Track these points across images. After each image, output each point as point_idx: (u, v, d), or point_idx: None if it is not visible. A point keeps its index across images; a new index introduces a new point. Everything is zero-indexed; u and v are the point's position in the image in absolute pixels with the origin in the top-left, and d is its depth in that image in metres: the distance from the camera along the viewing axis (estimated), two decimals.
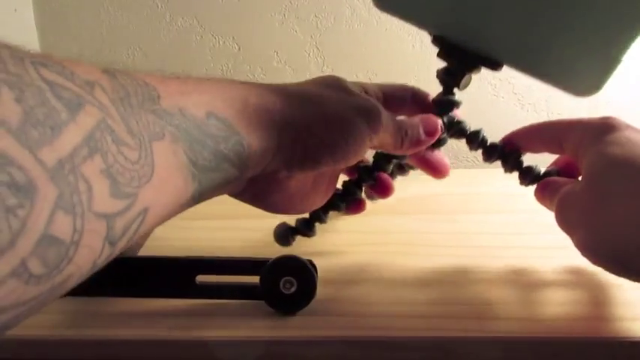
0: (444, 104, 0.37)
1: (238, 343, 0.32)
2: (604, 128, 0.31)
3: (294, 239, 0.40)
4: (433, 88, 0.38)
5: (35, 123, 0.16)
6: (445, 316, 0.34)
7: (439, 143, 0.37)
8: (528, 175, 0.37)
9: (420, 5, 0.34)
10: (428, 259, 0.42)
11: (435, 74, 0.37)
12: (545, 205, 0.35)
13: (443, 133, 0.37)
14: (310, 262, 0.34)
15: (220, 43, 0.72)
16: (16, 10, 0.68)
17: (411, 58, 0.67)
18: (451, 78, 0.36)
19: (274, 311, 0.34)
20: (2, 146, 0.15)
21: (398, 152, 0.36)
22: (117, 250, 0.20)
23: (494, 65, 0.35)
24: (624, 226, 0.27)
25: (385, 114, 0.33)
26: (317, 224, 0.40)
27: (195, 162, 0.24)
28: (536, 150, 0.37)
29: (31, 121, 0.16)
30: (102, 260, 0.20)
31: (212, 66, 0.73)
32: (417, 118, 0.35)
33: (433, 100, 0.38)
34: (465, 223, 0.46)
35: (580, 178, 0.31)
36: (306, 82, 0.34)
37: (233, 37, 0.72)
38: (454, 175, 0.40)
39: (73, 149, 0.17)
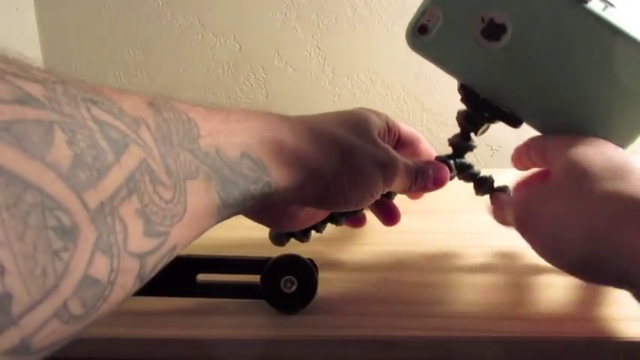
0: (460, 149, 0.38)
1: (239, 342, 0.32)
2: (587, 141, 0.32)
3: (288, 240, 0.40)
4: (433, 88, 0.38)
5: (84, 166, 0.17)
6: (445, 316, 0.34)
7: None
8: None
9: (456, 56, 0.34)
10: (428, 258, 0.42)
11: (455, 116, 0.37)
12: (499, 218, 0.36)
13: (452, 174, 0.38)
14: (311, 261, 0.34)
15: (221, 42, 0.72)
16: (17, 8, 0.68)
17: (412, 57, 0.67)
18: (470, 124, 0.37)
19: (275, 310, 0.34)
20: (53, 191, 0.16)
21: (403, 194, 0.38)
22: (142, 285, 0.21)
23: (516, 122, 0.35)
24: (581, 232, 0.28)
25: (401, 166, 0.33)
26: (312, 232, 0.40)
27: (226, 201, 0.24)
28: (527, 166, 0.37)
29: (80, 165, 0.17)
30: (129, 296, 0.20)
31: (213, 65, 0.73)
32: (429, 167, 0.36)
33: (449, 140, 0.38)
34: (464, 223, 0.46)
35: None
36: (338, 120, 0.34)
37: (234, 37, 0.72)
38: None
39: (115, 191, 0.18)
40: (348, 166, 0.31)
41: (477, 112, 0.36)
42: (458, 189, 0.46)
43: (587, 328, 0.32)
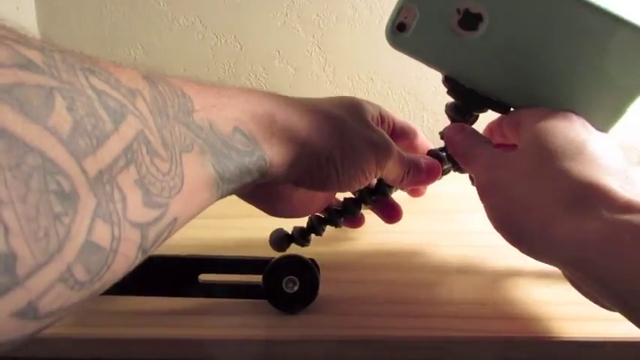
0: None
1: (241, 342, 0.32)
2: (555, 114, 0.32)
3: (288, 246, 0.40)
4: (434, 88, 0.38)
5: (83, 133, 0.17)
6: (445, 316, 0.34)
7: (442, 173, 0.39)
8: None
9: (436, 49, 0.34)
10: (428, 258, 0.42)
11: (444, 109, 0.38)
12: (454, 148, 0.36)
13: (447, 166, 0.38)
14: (312, 261, 0.34)
15: (222, 42, 0.72)
16: (18, 8, 0.68)
17: None
18: (459, 116, 0.37)
19: (277, 310, 0.34)
20: (54, 155, 0.16)
21: (396, 186, 0.38)
22: (144, 257, 0.21)
23: (504, 109, 0.36)
24: (523, 207, 0.29)
25: (395, 151, 0.34)
26: (312, 235, 0.40)
27: (222, 175, 0.25)
28: (498, 142, 0.36)
29: (79, 131, 0.17)
30: (133, 267, 0.20)
31: (214, 65, 0.73)
32: (422, 160, 0.37)
33: (440, 133, 0.38)
34: (465, 222, 0.46)
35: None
36: (331, 102, 0.34)
37: (235, 36, 0.72)
38: (454, 174, 0.40)
39: (113, 160, 0.18)
40: (342, 142, 0.31)
41: (465, 103, 0.36)
42: (458, 189, 0.46)
43: (586, 329, 0.32)
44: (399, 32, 0.34)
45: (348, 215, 0.40)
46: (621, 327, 0.32)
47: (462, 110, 0.37)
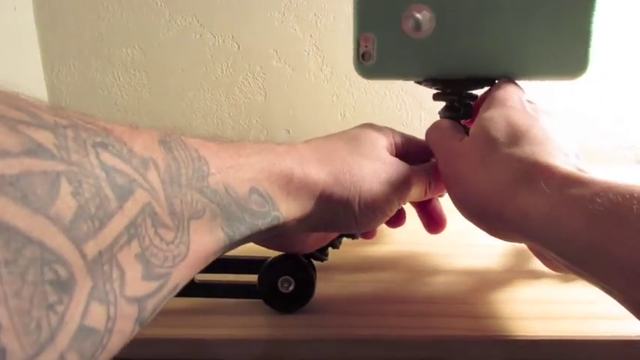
0: None
1: (236, 341, 0.32)
2: (499, 103, 0.33)
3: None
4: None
5: (86, 217, 0.17)
6: (445, 315, 0.34)
7: None
8: None
9: (406, 61, 0.36)
10: (427, 257, 0.42)
11: (439, 116, 0.38)
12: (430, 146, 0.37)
13: None
14: (309, 260, 0.34)
15: (220, 41, 0.72)
16: (15, 8, 0.68)
17: None
18: (455, 112, 0.37)
19: (272, 310, 0.34)
20: (54, 245, 0.15)
21: (419, 201, 0.38)
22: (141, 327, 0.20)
23: (488, 82, 0.36)
24: (478, 192, 0.31)
25: (412, 176, 0.34)
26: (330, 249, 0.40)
27: (232, 237, 0.24)
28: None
29: (82, 216, 0.16)
30: (128, 341, 0.20)
31: (211, 65, 0.73)
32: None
33: None
34: (464, 221, 0.46)
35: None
36: (344, 141, 0.34)
37: (232, 36, 0.72)
38: None
39: (114, 239, 0.17)
40: (358, 197, 0.31)
41: (455, 95, 0.37)
42: None
43: (586, 328, 0.32)
44: (365, 62, 0.36)
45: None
46: (622, 326, 0.32)
47: (454, 106, 0.37)
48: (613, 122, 0.72)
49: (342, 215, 0.31)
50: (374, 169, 0.32)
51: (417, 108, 0.69)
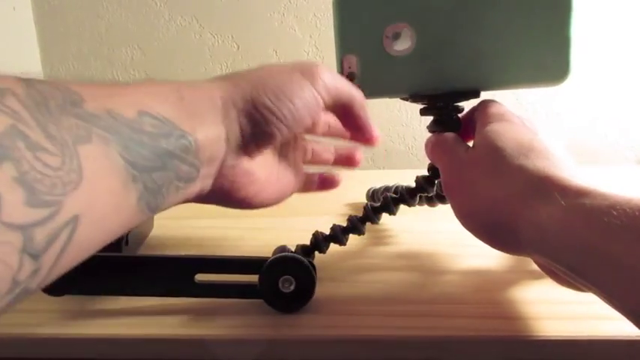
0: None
1: (237, 341, 0.32)
2: (499, 118, 0.34)
3: None
4: None
5: None
6: (445, 315, 0.34)
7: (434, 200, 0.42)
8: None
9: (390, 78, 0.37)
10: (427, 257, 0.42)
11: (427, 129, 0.39)
12: (426, 153, 0.38)
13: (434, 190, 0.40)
14: (309, 260, 0.34)
15: (219, 42, 0.72)
16: (14, 8, 0.68)
17: None
18: (442, 127, 0.38)
19: (273, 310, 0.34)
20: None
21: (353, 114, 0.35)
22: (46, 264, 0.19)
23: (475, 94, 0.37)
24: (489, 202, 0.31)
25: (328, 70, 0.32)
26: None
27: (134, 163, 0.23)
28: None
29: None
30: (25, 276, 0.18)
31: (211, 65, 0.73)
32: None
33: (429, 165, 0.39)
34: None
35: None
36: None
37: (232, 36, 0.72)
38: None
39: None
40: (261, 85, 0.30)
41: (439, 109, 0.38)
42: None
43: (587, 328, 0.32)
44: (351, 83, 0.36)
45: (354, 231, 0.39)
46: (623, 326, 0.32)
47: (443, 119, 0.38)
48: (613, 122, 0.72)
49: (258, 117, 0.29)
50: (272, 66, 0.31)
51: (416, 108, 0.69)
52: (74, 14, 0.72)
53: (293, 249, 0.38)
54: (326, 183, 0.41)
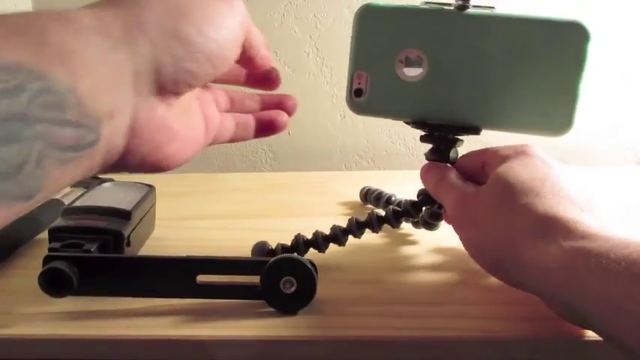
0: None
1: (239, 342, 0.32)
2: (514, 153, 0.34)
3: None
4: None
5: None
6: (445, 316, 0.34)
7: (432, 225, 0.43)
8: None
9: (395, 101, 0.37)
10: (428, 258, 0.42)
11: (425, 158, 0.40)
12: (428, 185, 0.39)
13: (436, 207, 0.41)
14: (310, 261, 0.34)
15: None
16: (16, 5, 0.68)
17: None
18: (440, 157, 0.39)
19: (275, 311, 0.34)
20: None
21: (259, 54, 0.33)
22: None
23: (475, 131, 0.38)
24: (496, 238, 0.32)
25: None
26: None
27: None
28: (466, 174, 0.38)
29: None
30: None
31: None
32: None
33: (419, 190, 0.40)
34: None
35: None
36: None
37: None
38: None
39: None
40: (187, 7, 0.24)
41: (439, 140, 0.38)
42: None
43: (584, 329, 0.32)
44: (357, 98, 0.37)
45: (334, 242, 0.40)
46: None
47: (440, 150, 0.39)
48: (613, 123, 0.72)
49: (181, 51, 0.23)
50: None
51: None
52: None
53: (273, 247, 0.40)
54: (268, 125, 0.35)
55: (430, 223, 0.43)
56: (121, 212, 0.39)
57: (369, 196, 0.53)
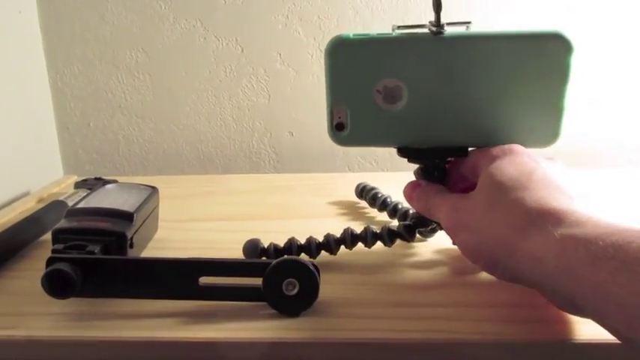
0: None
1: (241, 344, 0.32)
2: (502, 153, 0.35)
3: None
4: None
5: None
6: (447, 318, 0.34)
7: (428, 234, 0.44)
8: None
9: (378, 130, 0.37)
10: (430, 260, 0.42)
11: (414, 176, 0.40)
12: (417, 208, 0.39)
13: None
14: (312, 263, 0.34)
15: (224, 44, 0.73)
16: (20, 12, 0.69)
17: None
18: (429, 175, 0.39)
19: (277, 313, 0.34)
20: None
21: None
22: None
23: (463, 152, 0.38)
24: (491, 237, 0.32)
25: None
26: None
27: None
28: (461, 179, 0.39)
29: None
30: None
31: (215, 68, 0.73)
32: None
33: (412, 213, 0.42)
34: None
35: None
36: None
37: (236, 39, 0.72)
38: None
39: None
40: None
41: (428, 161, 0.39)
42: None
43: (588, 331, 0.32)
44: (339, 132, 0.38)
45: (326, 249, 0.41)
46: None
47: (429, 169, 0.39)
48: (617, 124, 0.72)
49: None
50: None
51: None
52: (79, 17, 0.73)
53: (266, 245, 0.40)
54: None
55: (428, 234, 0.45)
56: (125, 214, 0.39)
57: (365, 193, 0.53)
